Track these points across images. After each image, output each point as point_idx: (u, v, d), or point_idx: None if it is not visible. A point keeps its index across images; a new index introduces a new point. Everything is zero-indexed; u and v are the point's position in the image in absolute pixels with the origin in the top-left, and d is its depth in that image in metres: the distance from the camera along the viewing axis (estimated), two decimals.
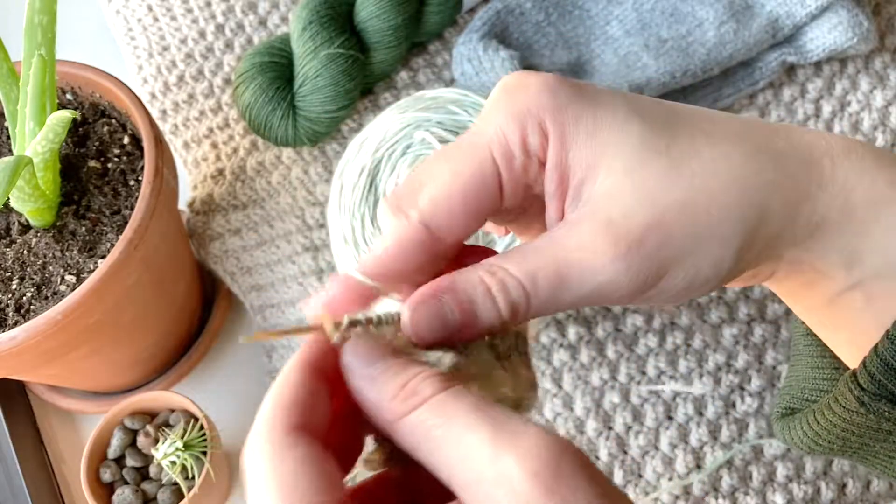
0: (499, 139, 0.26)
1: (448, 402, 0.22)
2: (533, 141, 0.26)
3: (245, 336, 0.25)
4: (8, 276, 0.44)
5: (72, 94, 0.49)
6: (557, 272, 0.25)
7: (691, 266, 0.25)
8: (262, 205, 0.54)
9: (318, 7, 0.53)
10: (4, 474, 0.49)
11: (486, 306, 0.25)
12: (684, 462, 0.44)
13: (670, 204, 0.25)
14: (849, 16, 0.50)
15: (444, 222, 0.25)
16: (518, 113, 0.26)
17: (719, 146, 0.26)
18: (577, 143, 0.25)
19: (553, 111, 0.26)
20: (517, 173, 0.26)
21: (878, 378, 0.26)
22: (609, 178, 0.25)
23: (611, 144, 0.25)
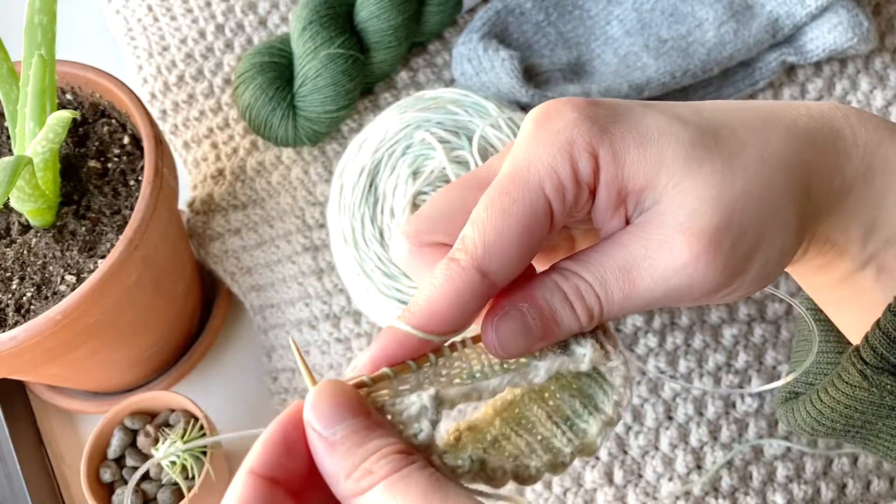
0: (549, 175, 0.25)
1: (398, 485, 0.21)
2: (584, 169, 0.25)
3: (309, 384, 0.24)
4: (8, 276, 0.44)
5: (72, 94, 0.49)
6: (628, 277, 0.25)
7: (764, 255, 0.26)
8: (262, 205, 0.54)
9: (318, 7, 0.53)
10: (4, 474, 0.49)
11: (566, 313, 0.25)
12: (684, 462, 0.44)
13: (735, 197, 0.25)
14: (849, 16, 0.50)
15: (500, 266, 0.25)
16: (563, 143, 0.25)
17: (758, 133, 0.26)
18: (630, 157, 0.25)
19: (598, 134, 0.25)
20: (569, 204, 0.26)
21: (881, 351, 0.27)
22: (670, 184, 0.25)
23: (664, 152, 0.25)
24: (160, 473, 0.47)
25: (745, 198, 0.25)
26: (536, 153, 0.26)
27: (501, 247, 0.25)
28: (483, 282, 0.24)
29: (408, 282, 0.44)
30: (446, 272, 0.24)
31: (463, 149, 0.45)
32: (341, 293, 0.50)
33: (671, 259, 0.25)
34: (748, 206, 0.25)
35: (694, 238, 0.25)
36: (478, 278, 0.24)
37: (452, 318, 0.24)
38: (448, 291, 0.24)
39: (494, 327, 0.25)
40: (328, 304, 0.50)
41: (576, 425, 0.26)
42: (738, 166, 0.25)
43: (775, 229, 0.26)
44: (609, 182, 0.26)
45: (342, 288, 0.50)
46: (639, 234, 0.25)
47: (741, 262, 0.25)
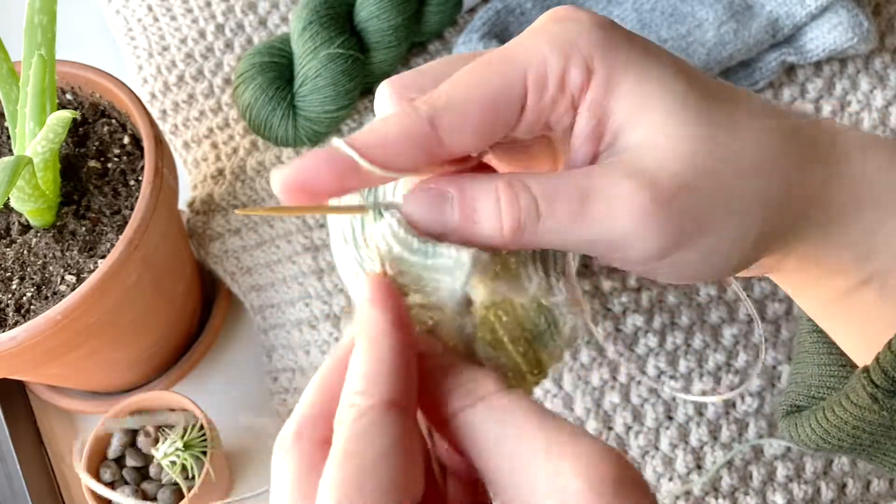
0: (537, 63, 0.24)
1: (505, 404, 0.21)
2: (574, 76, 0.24)
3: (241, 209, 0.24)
4: (8, 276, 0.44)
5: (72, 94, 0.49)
6: (581, 205, 0.23)
7: (713, 237, 0.25)
8: (261, 205, 0.54)
9: (318, 7, 0.53)
10: (4, 474, 0.49)
11: (488, 216, 0.23)
12: (684, 462, 0.44)
13: (705, 168, 0.24)
14: (849, 16, 0.50)
15: (453, 126, 0.23)
16: (565, 42, 0.24)
17: (759, 120, 0.25)
18: (623, 89, 0.24)
19: (605, 50, 0.24)
20: (544, 104, 0.24)
21: (892, 374, 0.26)
22: (649, 131, 0.24)
23: (656, 97, 0.24)
24: (160, 473, 0.47)
25: (715, 172, 0.24)
26: (535, 40, 0.25)
27: (461, 108, 0.23)
28: (430, 134, 0.23)
29: None
30: (400, 110, 0.24)
31: None
32: (341, 293, 0.50)
33: (625, 201, 0.23)
34: (714, 182, 0.24)
35: (651, 187, 0.23)
36: (426, 127, 0.23)
37: (389, 154, 0.23)
38: (395, 128, 0.23)
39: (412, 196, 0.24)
40: (328, 304, 0.50)
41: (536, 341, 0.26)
42: (721, 140, 0.24)
43: (731, 220, 0.25)
44: (593, 104, 0.24)
45: (342, 288, 0.50)
46: (604, 169, 0.24)
47: (687, 234, 0.24)
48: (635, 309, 0.47)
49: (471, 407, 0.22)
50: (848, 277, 0.27)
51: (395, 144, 0.23)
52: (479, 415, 0.21)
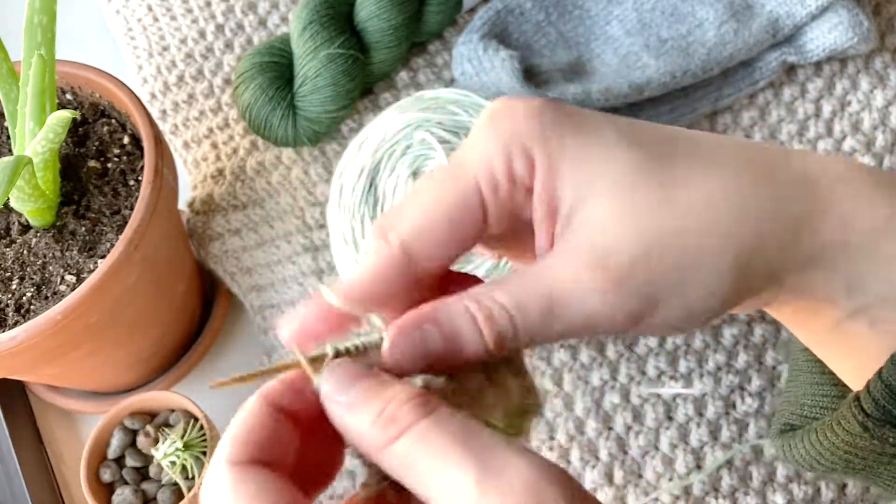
0: (484, 166, 0.25)
1: (431, 431, 0.21)
2: (519, 168, 0.25)
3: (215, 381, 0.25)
4: (8, 276, 0.44)
5: (72, 94, 0.49)
6: (548, 302, 0.24)
7: (681, 299, 0.25)
8: (262, 205, 0.54)
9: (318, 7, 0.53)
10: (4, 474, 0.49)
11: (472, 337, 0.24)
12: (684, 462, 0.44)
13: (659, 236, 0.24)
14: (849, 16, 0.50)
15: (424, 248, 0.25)
16: (503, 139, 0.25)
17: (717, 175, 0.25)
18: (565, 171, 0.25)
19: (539, 138, 0.25)
20: (503, 200, 0.25)
21: (882, 403, 0.26)
22: (598, 208, 0.25)
23: (600, 173, 0.25)
24: (160, 473, 0.47)
25: (671, 237, 0.24)
26: (476, 146, 0.26)
27: (428, 231, 0.25)
28: (407, 262, 0.25)
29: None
30: (377, 249, 0.25)
31: None
32: None
33: (584, 287, 0.24)
34: (671, 247, 0.24)
35: (603, 268, 0.24)
36: (402, 257, 0.25)
37: (373, 292, 0.25)
38: (373, 266, 0.25)
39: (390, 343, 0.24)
40: None
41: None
42: (678, 202, 0.25)
43: (701, 275, 0.25)
44: (541, 190, 0.25)
45: None
46: (560, 256, 0.25)
47: (654, 300, 0.24)
48: None
49: (393, 442, 0.21)
50: (840, 308, 0.27)
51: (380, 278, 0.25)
52: (405, 446, 0.21)
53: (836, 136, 0.52)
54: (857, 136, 0.52)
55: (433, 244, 0.25)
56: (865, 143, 0.51)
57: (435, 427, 0.21)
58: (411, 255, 0.25)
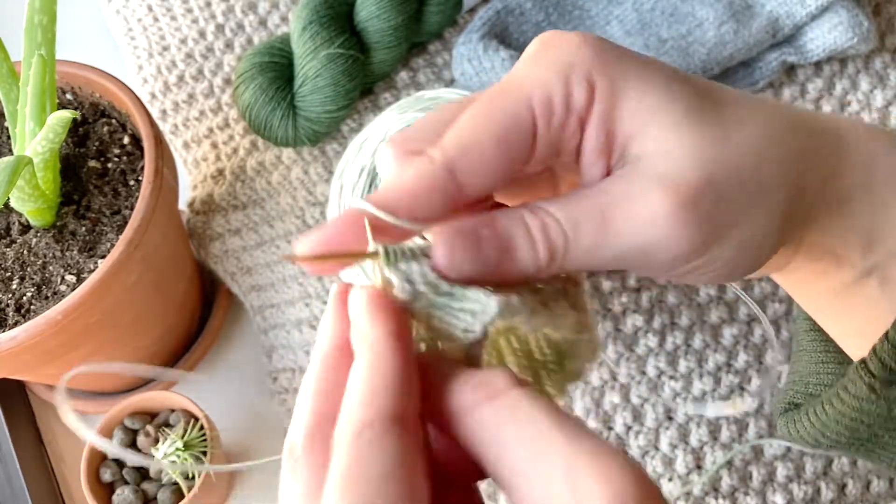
0: (540, 91, 0.24)
1: (524, 402, 0.20)
2: (578, 95, 0.24)
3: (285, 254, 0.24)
4: (8, 276, 0.44)
5: (72, 94, 0.49)
6: (603, 220, 0.23)
7: (742, 233, 0.25)
8: (262, 205, 0.54)
9: (318, 7, 0.53)
10: (4, 474, 0.49)
11: (525, 247, 0.23)
12: (684, 462, 0.44)
13: (723, 164, 0.24)
14: (849, 16, 0.50)
15: (471, 169, 0.23)
16: (563, 66, 0.24)
17: (762, 112, 0.26)
18: (628, 99, 0.24)
19: (602, 64, 0.24)
20: (554, 129, 0.24)
21: (889, 364, 0.26)
22: (660, 136, 0.24)
23: (662, 103, 0.24)
24: (160, 473, 0.47)
25: (733, 167, 0.24)
26: (532, 69, 0.25)
27: (476, 150, 0.23)
28: (451, 181, 0.23)
29: None
30: (417, 165, 0.23)
31: None
32: None
33: (649, 209, 0.23)
34: (734, 176, 0.24)
35: (673, 191, 0.23)
36: (446, 176, 0.23)
37: (414, 208, 0.23)
38: (414, 184, 0.23)
39: (449, 244, 0.23)
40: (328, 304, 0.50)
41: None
42: (732, 137, 0.24)
43: (759, 209, 0.25)
44: (601, 117, 0.24)
45: None
46: (618, 182, 0.24)
47: (717, 231, 0.24)
48: (635, 309, 0.47)
49: (484, 403, 0.21)
50: (852, 268, 0.27)
51: (419, 197, 0.23)
52: (494, 412, 0.21)
53: None
54: None
55: (480, 165, 0.23)
56: None
57: (528, 400, 0.21)
58: (455, 177, 0.23)
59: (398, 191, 0.23)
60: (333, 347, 0.23)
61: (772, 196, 0.25)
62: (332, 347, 0.23)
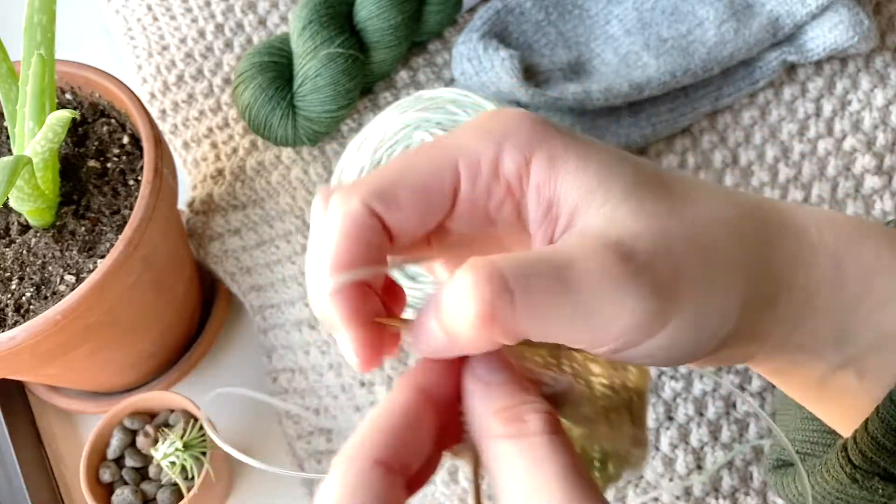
0: (468, 152, 0.24)
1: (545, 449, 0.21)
2: (508, 164, 0.24)
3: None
4: (7, 276, 0.44)
5: (71, 94, 0.49)
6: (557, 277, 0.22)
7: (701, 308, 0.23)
8: (261, 205, 0.54)
9: (317, 6, 0.53)
10: (4, 474, 0.49)
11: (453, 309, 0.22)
12: (684, 462, 0.44)
13: (678, 236, 0.23)
14: (849, 15, 0.50)
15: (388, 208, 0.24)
16: (497, 134, 0.24)
17: (714, 195, 0.25)
18: (568, 169, 0.24)
19: (542, 137, 0.24)
20: (479, 192, 0.24)
21: (870, 455, 0.26)
22: (608, 204, 0.23)
23: (606, 177, 0.23)
24: (160, 473, 0.47)
25: (690, 241, 0.23)
26: (466, 135, 0.25)
27: (393, 191, 0.24)
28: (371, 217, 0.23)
29: (407, 283, 0.44)
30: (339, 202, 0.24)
31: None
32: None
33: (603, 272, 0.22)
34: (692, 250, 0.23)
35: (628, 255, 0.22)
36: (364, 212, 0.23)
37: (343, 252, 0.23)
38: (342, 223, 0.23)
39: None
40: None
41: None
42: (686, 214, 0.24)
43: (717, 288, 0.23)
44: (539, 187, 0.24)
45: None
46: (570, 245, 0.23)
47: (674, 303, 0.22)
48: None
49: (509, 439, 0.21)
50: (826, 362, 0.26)
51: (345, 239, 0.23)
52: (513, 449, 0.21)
53: (837, 135, 0.52)
54: (858, 135, 0.51)
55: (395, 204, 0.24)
56: (866, 143, 0.51)
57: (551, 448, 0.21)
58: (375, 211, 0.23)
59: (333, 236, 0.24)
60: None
61: (730, 277, 0.24)
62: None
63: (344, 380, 0.49)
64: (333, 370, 0.49)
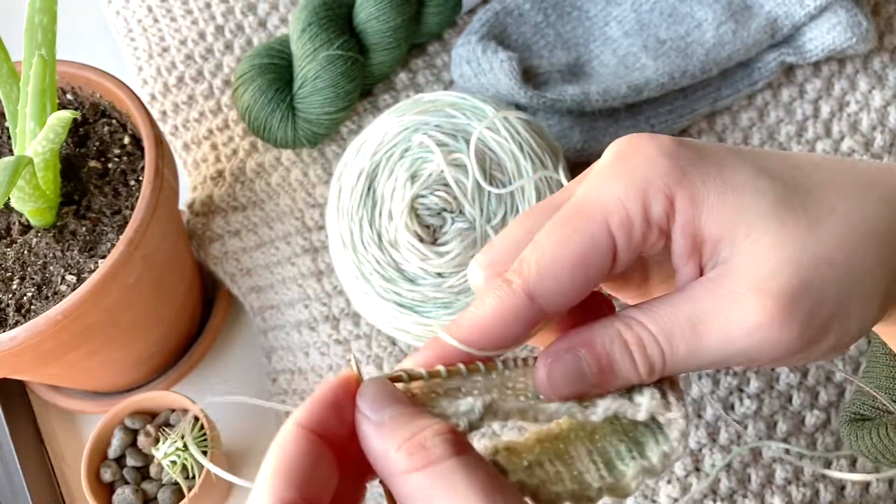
0: (617, 210, 0.25)
1: (458, 473, 0.21)
2: (657, 210, 0.25)
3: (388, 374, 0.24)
4: (8, 276, 0.44)
5: (72, 95, 0.50)
6: (695, 330, 0.24)
7: (843, 325, 0.25)
8: (261, 206, 0.54)
9: (317, 8, 0.53)
10: (5, 474, 0.50)
11: (625, 363, 0.24)
12: (682, 464, 0.44)
13: (817, 263, 0.24)
14: (847, 16, 0.50)
15: (550, 292, 0.24)
16: (638, 181, 0.25)
17: (851, 198, 0.25)
18: (709, 205, 0.25)
19: (678, 176, 0.25)
20: (635, 244, 0.25)
21: None
22: (749, 238, 0.24)
23: (746, 204, 0.24)
24: (160, 473, 0.47)
25: (828, 264, 0.24)
26: (608, 186, 0.25)
27: (555, 274, 0.24)
28: (531, 306, 0.24)
29: (406, 285, 0.44)
30: (497, 292, 0.24)
31: (461, 152, 0.45)
32: (340, 295, 0.50)
33: (743, 319, 0.24)
34: (830, 274, 0.24)
35: (770, 299, 0.23)
36: (526, 302, 0.24)
37: (496, 337, 0.24)
38: (495, 311, 0.24)
39: (547, 368, 0.24)
40: (327, 305, 0.50)
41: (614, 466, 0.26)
42: (823, 231, 0.24)
43: (857, 301, 0.25)
44: (685, 226, 0.25)
45: (341, 290, 0.50)
46: (711, 287, 0.24)
47: (818, 330, 0.24)
48: None
49: (419, 470, 0.21)
50: None
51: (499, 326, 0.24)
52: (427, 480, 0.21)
53: (835, 136, 0.52)
54: (856, 136, 0.52)
55: (558, 289, 0.24)
56: (864, 144, 0.51)
57: (462, 469, 0.21)
58: (535, 301, 0.24)
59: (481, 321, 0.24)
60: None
61: (869, 284, 0.25)
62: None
63: None
64: (333, 371, 0.50)
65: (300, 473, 0.22)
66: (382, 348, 0.49)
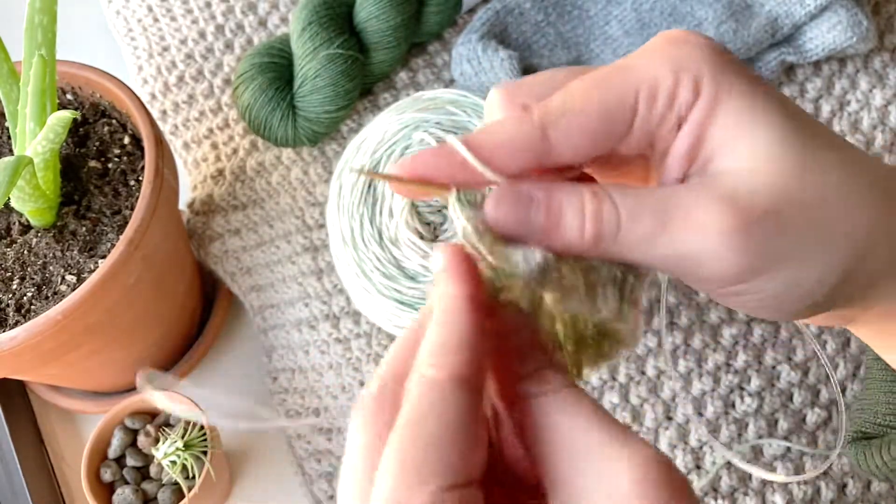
0: (649, 81, 0.25)
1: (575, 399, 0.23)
2: (684, 94, 0.25)
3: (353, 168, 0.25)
4: (8, 276, 0.44)
5: (72, 95, 0.50)
6: (663, 220, 0.24)
7: (795, 267, 0.25)
8: (261, 205, 0.54)
9: (317, 7, 0.53)
10: (5, 474, 0.50)
11: (573, 223, 0.24)
12: (683, 462, 0.44)
13: (794, 200, 0.24)
14: (848, 15, 0.50)
15: (565, 134, 0.24)
16: (677, 61, 0.25)
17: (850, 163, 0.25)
18: (725, 112, 0.25)
19: (714, 72, 0.25)
20: (653, 120, 0.25)
21: None
22: (744, 157, 0.24)
23: (757, 126, 0.24)
24: (160, 473, 0.47)
25: (804, 206, 0.24)
26: (647, 59, 0.25)
27: (575, 117, 0.24)
28: (542, 142, 0.24)
29: (407, 283, 0.44)
30: (514, 115, 0.25)
31: None
32: (341, 293, 0.50)
33: (703, 221, 0.24)
34: (800, 214, 0.24)
35: (734, 212, 0.24)
36: (538, 134, 0.24)
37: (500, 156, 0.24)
38: (507, 131, 0.24)
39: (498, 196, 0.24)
40: (328, 304, 0.50)
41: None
42: (816, 184, 0.24)
43: (815, 256, 0.25)
44: (695, 123, 0.25)
45: (342, 288, 0.50)
46: (693, 188, 0.24)
47: (766, 263, 0.24)
48: None
49: (548, 395, 0.23)
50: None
51: (507, 147, 0.24)
52: (555, 404, 0.23)
53: None
54: (857, 135, 0.52)
55: (573, 132, 0.24)
56: (864, 143, 0.51)
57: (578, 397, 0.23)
58: (548, 138, 0.24)
59: (493, 138, 0.24)
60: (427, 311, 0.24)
61: (832, 247, 0.25)
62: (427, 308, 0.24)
63: (344, 380, 0.49)
64: (333, 370, 0.49)
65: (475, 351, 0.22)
66: (383, 346, 0.49)
